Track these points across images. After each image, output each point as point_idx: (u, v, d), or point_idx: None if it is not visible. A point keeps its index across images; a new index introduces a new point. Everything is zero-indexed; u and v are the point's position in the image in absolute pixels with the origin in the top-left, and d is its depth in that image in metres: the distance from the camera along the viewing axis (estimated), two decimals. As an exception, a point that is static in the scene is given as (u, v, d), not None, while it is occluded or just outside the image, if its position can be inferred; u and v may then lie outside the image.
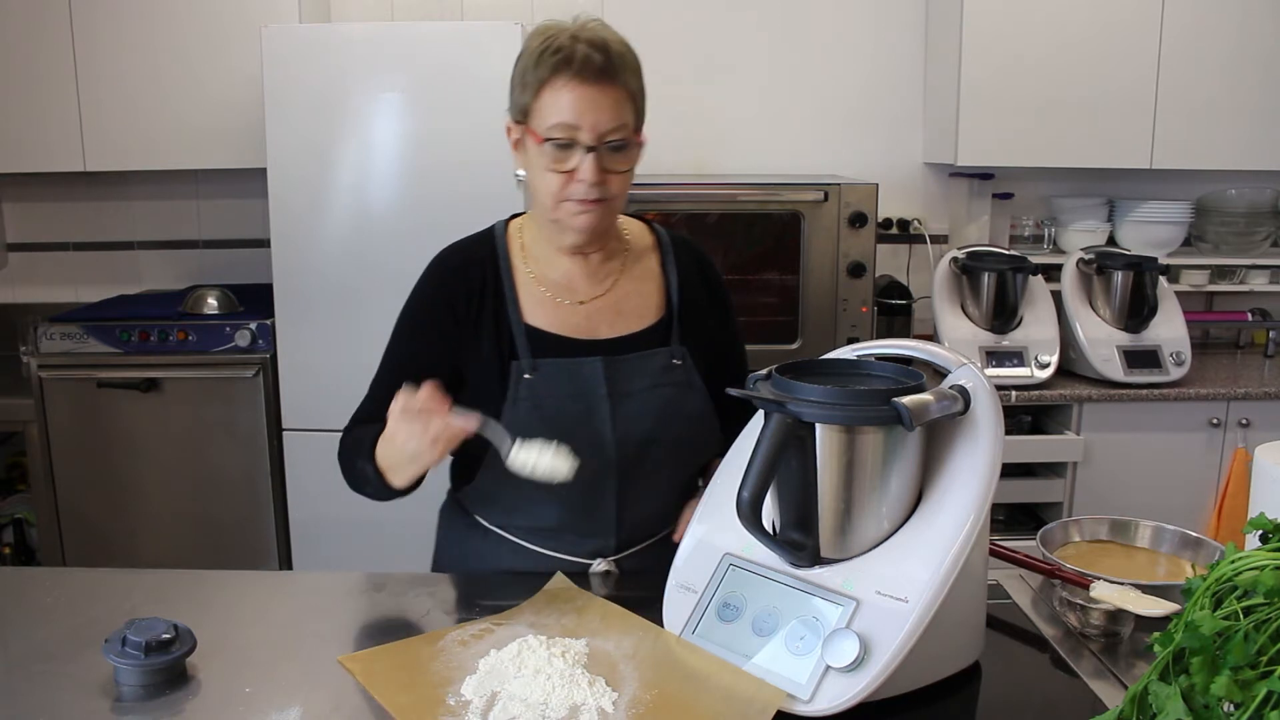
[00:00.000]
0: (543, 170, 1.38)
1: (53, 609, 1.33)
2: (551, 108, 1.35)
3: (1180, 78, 3.11)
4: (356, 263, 2.79)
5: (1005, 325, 3.00)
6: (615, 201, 1.41)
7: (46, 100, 3.03)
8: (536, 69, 1.36)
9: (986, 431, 1.15)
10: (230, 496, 2.97)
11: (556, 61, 1.34)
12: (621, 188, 1.41)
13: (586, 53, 1.34)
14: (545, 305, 1.48)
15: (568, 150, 1.35)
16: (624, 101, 1.37)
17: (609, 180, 1.38)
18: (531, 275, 1.49)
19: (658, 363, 1.48)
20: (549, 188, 1.38)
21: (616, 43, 1.38)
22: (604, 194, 1.38)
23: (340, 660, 1.17)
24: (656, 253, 1.56)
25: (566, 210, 1.39)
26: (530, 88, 1.37)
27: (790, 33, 3.39)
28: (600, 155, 1.36)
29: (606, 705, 1.07)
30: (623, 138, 1.37)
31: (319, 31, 2.87)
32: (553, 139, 1.35)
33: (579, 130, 1.34)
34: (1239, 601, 0.87)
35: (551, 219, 1.42)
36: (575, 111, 1.34)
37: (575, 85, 1.33)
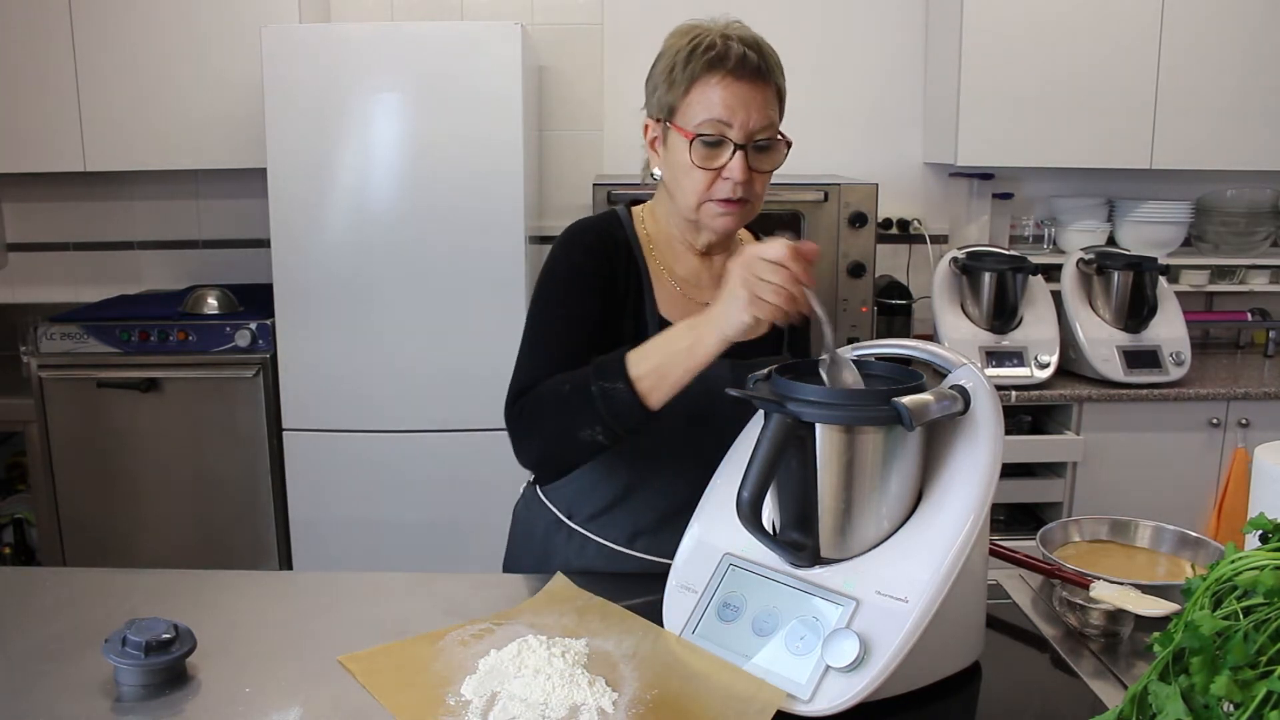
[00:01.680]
0: (688, 168, 1.37)
1: (53, 609, 1.33)
2: (702, 104, 1.35)
3: (1180, 78, 3.11)
4: (356, 263, 2.79)
5: (1005, 325, 3.00)
6: (756, 204, 1.41)
7: (46, 100, 3.03)
8: (688, 66, 1.35)
9: (986, 431, 1.15)
10: (230, 496, 2.97)
11: (711, 59, 1.34)
12: (763, 190, 1.41)
13: (742, 50, 1.34)
14: (676, 299, 1.47)
15: (716, 148, 1.35)
16: (773, 101, 1.38)
17: (754, 180, 1.38)
18: (662, 269, 1.48)
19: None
20: (694, 186, 1.37)
21: (765, 43, 1.39)
22: (748, 194, 1.38)
23: (340, 660, 1.17)
24: None
25: (708, 211, 1.39)
26: (680, 85, 1.36)
27: (790, 33, 3.37)
28: (748, 154, 1.35)
29: (606, 705, 1.07)
30: (770, 137, 1.37)
31: (319, 31, 2.87)
32: (703, 135, 1.35)
33: (730, 127, 1.34)
34: (1239, 601, 0.87)
35: (691, 219, 1.42)
36: (727, 108, 1.34)
37: (729, 82, 1.34)
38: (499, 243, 2.78)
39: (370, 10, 3.35)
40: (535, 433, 1.36)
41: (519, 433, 1.37)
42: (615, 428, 1.29)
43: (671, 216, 1.47)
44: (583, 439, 1.30)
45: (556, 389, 1.33)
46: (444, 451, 2.85)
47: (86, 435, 2.95)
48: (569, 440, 1.32)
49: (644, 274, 1.46)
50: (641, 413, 1.27)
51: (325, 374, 2.84)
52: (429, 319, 2.79)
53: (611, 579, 1.39)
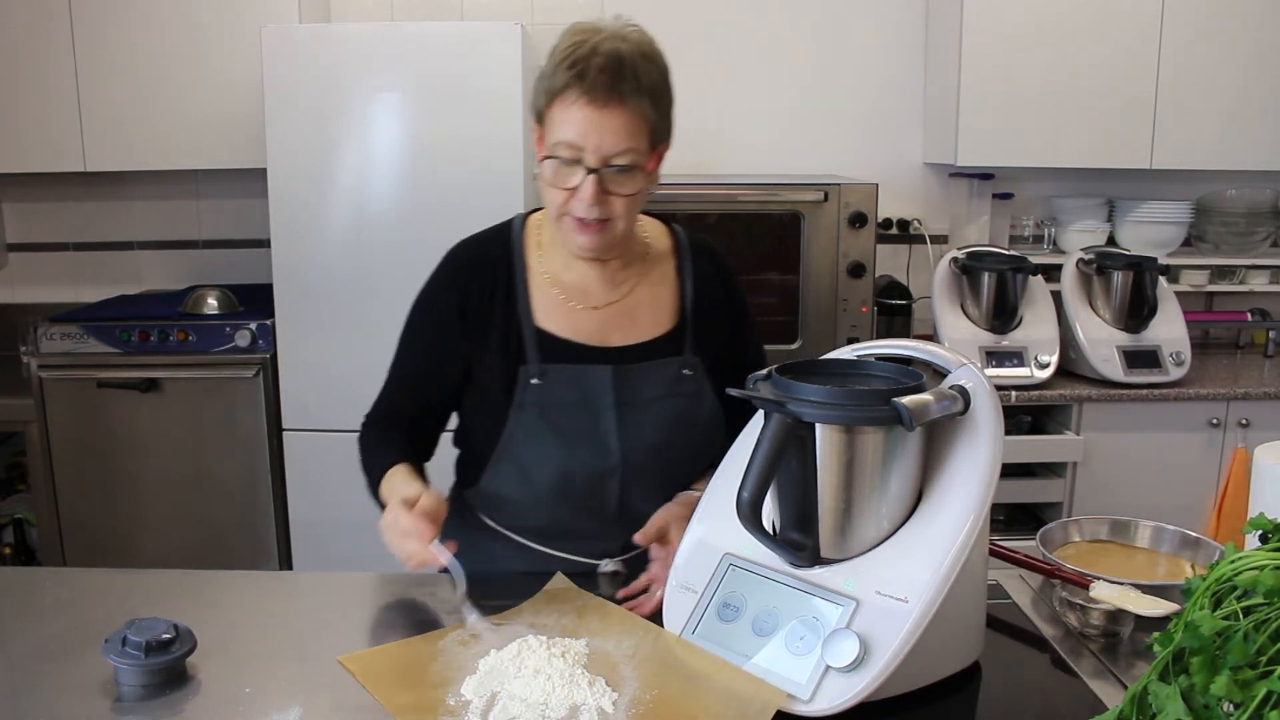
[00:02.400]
0: (547, 183, 1.36)
1: (53, 609, 1.33)
2: (559, 123, 1.32)
3: (1180, 78, 3.11)
4: (356, 263, 2.79)
5: (1005, 325, 3.00)
6: (619, 222, 1.37)
7: (46, 100, 3.03)
8: (552, 77, 1.32)
9: (986, 431, 1.15)
10: (230, 496, 2.97)
11: (569, 76, 1.30)
12: (627, 209, 1.37)
13: (599, 69, 1.29)
14: (558, 309, 1.46)
15: (570, 168, 1.32)
16: (635, 124, 1.32)
17: (611, 202, 1.34)
18: (546, 276, 1.47)
19: (669, 372, 1.46)
20: (552, 200, 1.37)
21: (639, 58, 1.32)
22: (605, 214, 1.34)
23: (340, 660, 1.17)
24: (674, 257, 1.53)
25: (567, 225, 1.37)
26: (544, 95, 1.34)
27: (790, 33, 3.39)
28: (602, 177, 1.32)
29: (606, 705, 1.07)
30: (629, 162, 1.32)
31: (319, 31, 2.87)
32: (556, 156, 1.32)
33: (583, 151, 1.31)
34: (1239, 601, 0.87)
35: (556, 228, 1.41)
36: (580, 131, 1.30)
37: (583, 104, 1.29)
38: (499, 243, 2.78)
39: (370, 10, 3.35)
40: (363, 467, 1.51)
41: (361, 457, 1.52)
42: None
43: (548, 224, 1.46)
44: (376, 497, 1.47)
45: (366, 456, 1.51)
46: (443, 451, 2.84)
47: (86, 435, 2.95)
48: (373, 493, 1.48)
49: (521, 285, 1.46)
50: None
51: (325, 374, 2.84)
52: (429, 319, 2.78)
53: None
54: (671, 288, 1.51)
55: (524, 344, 1.44)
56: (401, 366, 1.54)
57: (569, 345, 1.44)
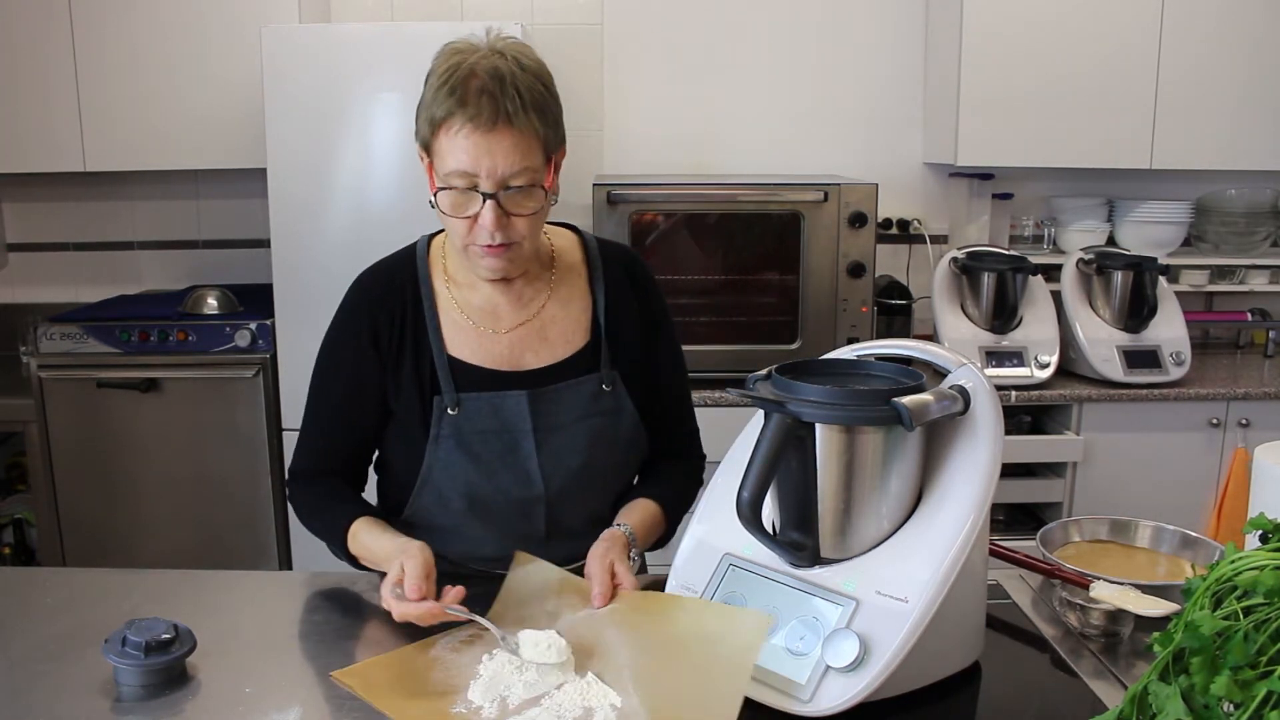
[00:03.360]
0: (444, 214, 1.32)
1: (53, 609, 1.33)
2: (449, 152, 1.28)
3: (1180, 78, 3.11)
4: (356, 263, 2.76)
5: (1005, 325, 3.00)
6: (524, 243, 1.34)
7: (46, 100, 3.03)
8: (433, 105, 1.29)
9: (986, 431, 1.15)
10: (230, 496, 2.97)
11: (451, 104, 1.26)
12: (531, 228, 1.34)
13: (479, 97, 1.25)
14: (468, 335, 1.42)
15: (467, 195, 1.29)
16: (525, 143, 1.28)
17: (513, 224, 1.31)
18: (454, 301, 1.44)
19: (586, 391, 1.44)
20: (455, 230, 1.33)
21: (519, 75, 1.28)
22: (509, 238, 1.31)
23: (335, 676, 1.15)
24: (585, 268, 1.49)
25: (474, 254, 1.34)
26: (427, 125, 1.30)
27: (790, 33, 3.39)
28: (501, 201, 1.29)
29: (616, 702, 1.07)
30: (525, 182, 1.29)
31: (319, 31, 2.87)
32: (451, 187, 1.29)
33: (477, 178, 1.27)
34: (1239, 601, 0.87)
35: (461, 255, 1.38)
36: (472, 159, 1.26)
37: (469, 131, 1.26)
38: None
39: (370, 10, 3.35)
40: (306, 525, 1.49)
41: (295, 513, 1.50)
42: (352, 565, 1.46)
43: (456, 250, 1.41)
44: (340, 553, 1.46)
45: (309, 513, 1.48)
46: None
47: (86, 435, 2.95)
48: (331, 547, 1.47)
49: (429, 312, 1.42)
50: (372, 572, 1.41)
51: (325, 374, 2.83)
52: (429, 319, 2.78)
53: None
54: (583, 302, 1.47)
55: (437, 374, 1.40)
56: (323, 407, 1.47)
57: (482, 372, 1.41)
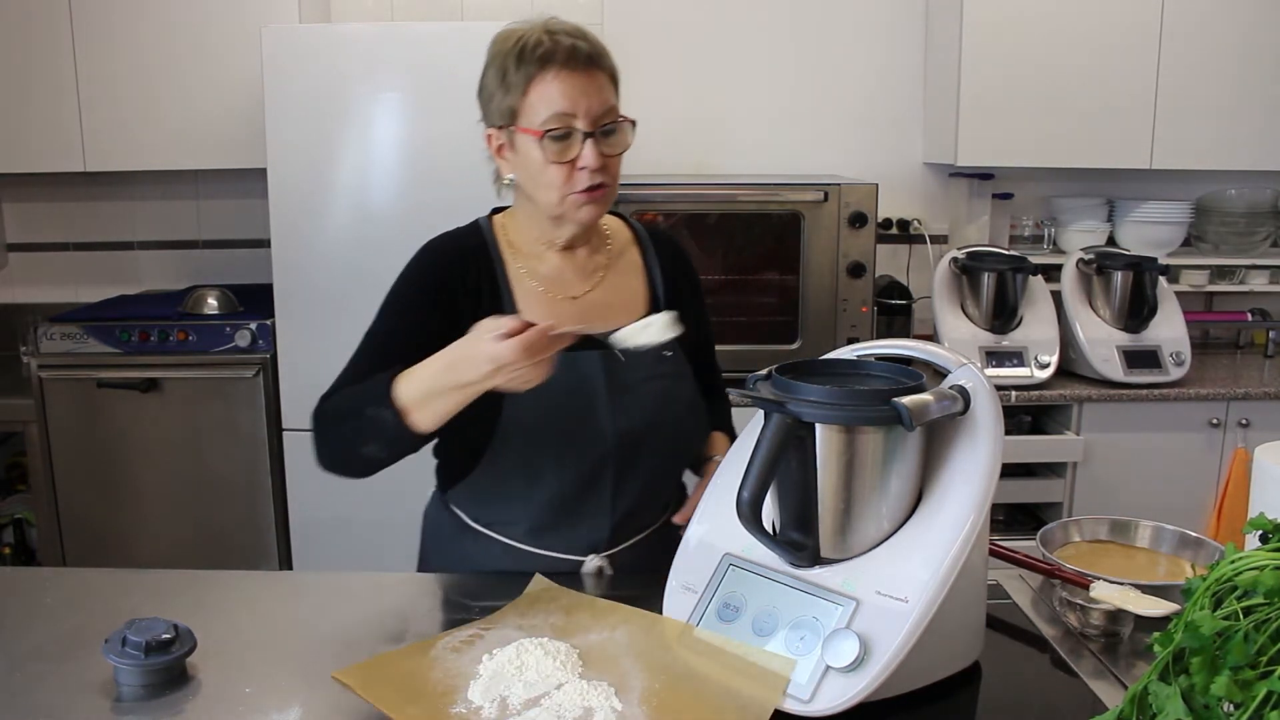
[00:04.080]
0: (542, 166, 1.39)
1: (53, 609, 1.33)
2: (543, 101, 1.37)
3: (1180, 78, 3.11)
4: (356, 263, 2.79)
5: (1005, 325, 3.00)
6: (614, 187, 1.44)
7: (46, 100, 3.03)
8: (521, 68, 1.38)
9: (986, 431, 1.15)
10: (230, 496, 2.97)
11: (541, 55, 1.37)
12: (618, 173, 1.44)
13: (570, 43, 1.38)
14: (540, 301, 1.49)
15: (565, 141, 1.38)
16: (608, 85, 1.42)
17: (609, 164, 1.41)
18: (523, 270, 1.50)
19: (651, 355, 1.48)
20: (552, 182, 1.40)
21: (588, 30, 1.43)
22: (605, 179, 1.41)
23: (335, 676, 1.15)
24: (637, 246, 1.60)
25: (571, 204, 1.42)
26: (516, 87, 1.39)
27: (790, 33, 3.39)
28: (598, 140, 1.39)
29: (616, 703, 1.07)
30: (613, 120, 1.41)
31: (319, 31, 2.87)
32: (550, 130, 1.37)
33: (575, 118, 1.37)
34: (1239, 601, 0.87)
35: (555, 215, 1.44)
36: (569, 100, 1.37)
37: (565, 75, 1.37)
38: (499, 243, 2.78)
39: (370, 10, 3.35)
40: (326, 442, 1.40)
41: (314, 438, 1.41)
42: (391, 448, 1.35)
43: (532, 219, 1.50)
44: (366, 454, 1.36)
45: (341, 405, 1.39)
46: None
47: (86, 435, 2.95)
48: (353, 455, 1.38)
49: (502, 279, 1.49)
50: (412, 437, 1.32)
51: (325, 374, 2.82)
52: (429, 319, 2.78)
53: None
54: (640, 276, 1.57)
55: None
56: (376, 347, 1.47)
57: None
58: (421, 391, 1.30)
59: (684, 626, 1.20)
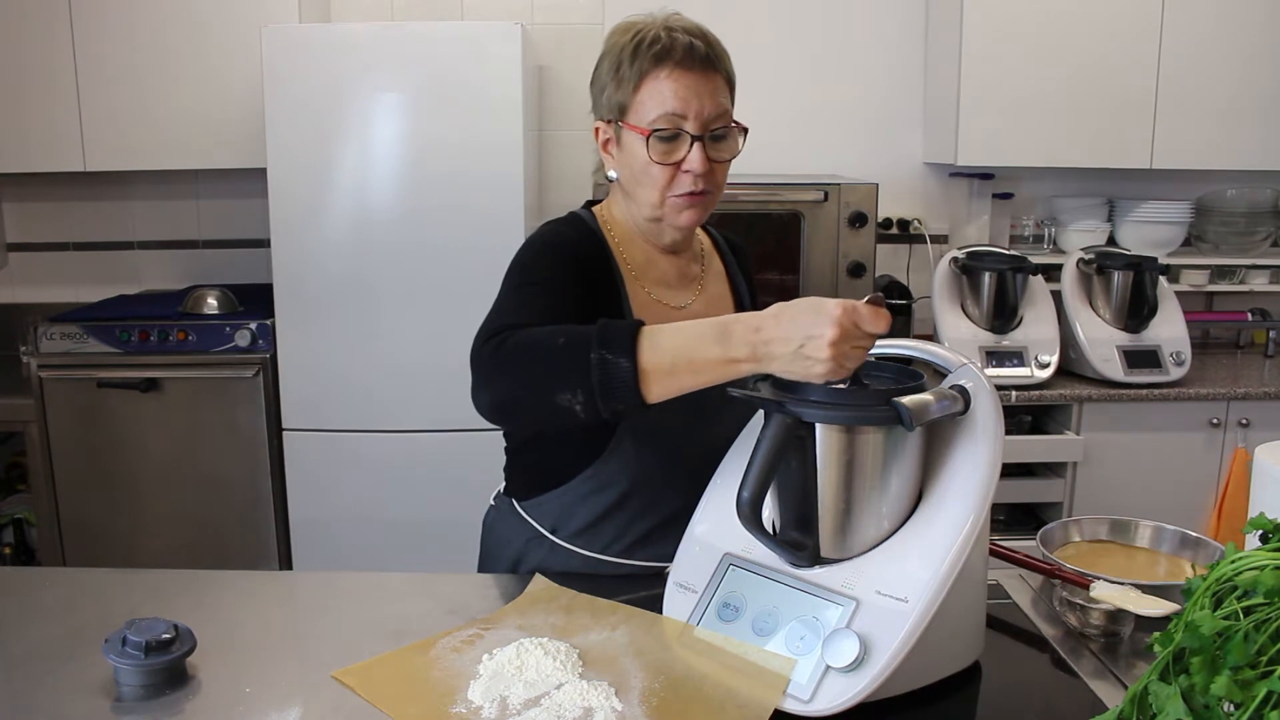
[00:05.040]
0: (646, 166, 1.35)
1: (53, 609, 1.33)
2: (654, 99, 1.33)
3: (1180, 78, 3.11)
4: (356, 263, 2.79)
5: (1005, 325, 3.00)
6: (717, 194, 1.40)
7: (46, 100, 3.03)
8: (635, 62, 1.34)
9: (986, 431, 1.15)
10: (230, 496, 2.97)
11: (658, 52, 1.33)
12: (723, 180, 1.40)
13: (688, 41, 1.33)
14: (652, 307, 1.45)
15: (673, 142, 1.34)
16: (724, 88, 1.38)
17: (714, 170, 1.37)
18: (634, 275, 1.45)
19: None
20: (654, 183, 1.36)
21: (709, 31, 1.38)
22: (709, 185, 1.37)
23: (335, 676, 1.15)
24: (718, 254, 1.58)
25: (672, 207, 1.38)
26: (628, 82, 1.35)
27: (790, 33, 3.39)
28: (706, 144, 1.35)
29: (616, 703, 1.07)
30: (725, 125, 1.37)
31: (319, 31, 2.87)
32: (658, 130, 1.33)
33: (685, 119, 1.33)
34: (1239, 601, 0.87)
35: (653, 217, 1.40)
36: (680, 100, 1.33)
37: (679, 74, 1.33)
38: (499, 243, 2.77)
39: (370, 10, 3.35)
40: (507, 374, 1.18)
41: (487, 370, 1.20)
42: (600, 405, 1.12)
43: (632, 218, 1.45)
44: (559, 402, 1.14)
45: (549, 337, 1.17)
46: (444, 451, 2.84)
47: (86, 435, 2.95)
48: (543, 397, 1.15)
49: (619, 280, 1.43)
50: (636, 399, 1.12)
51: (325, 374, 2.84)
52: (429, 319, 2.78)
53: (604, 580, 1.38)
54: (726, 285, 1.57)
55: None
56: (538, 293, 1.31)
57: None
58: (673, 357, 1.11)
59: (684, 626, 1.20)
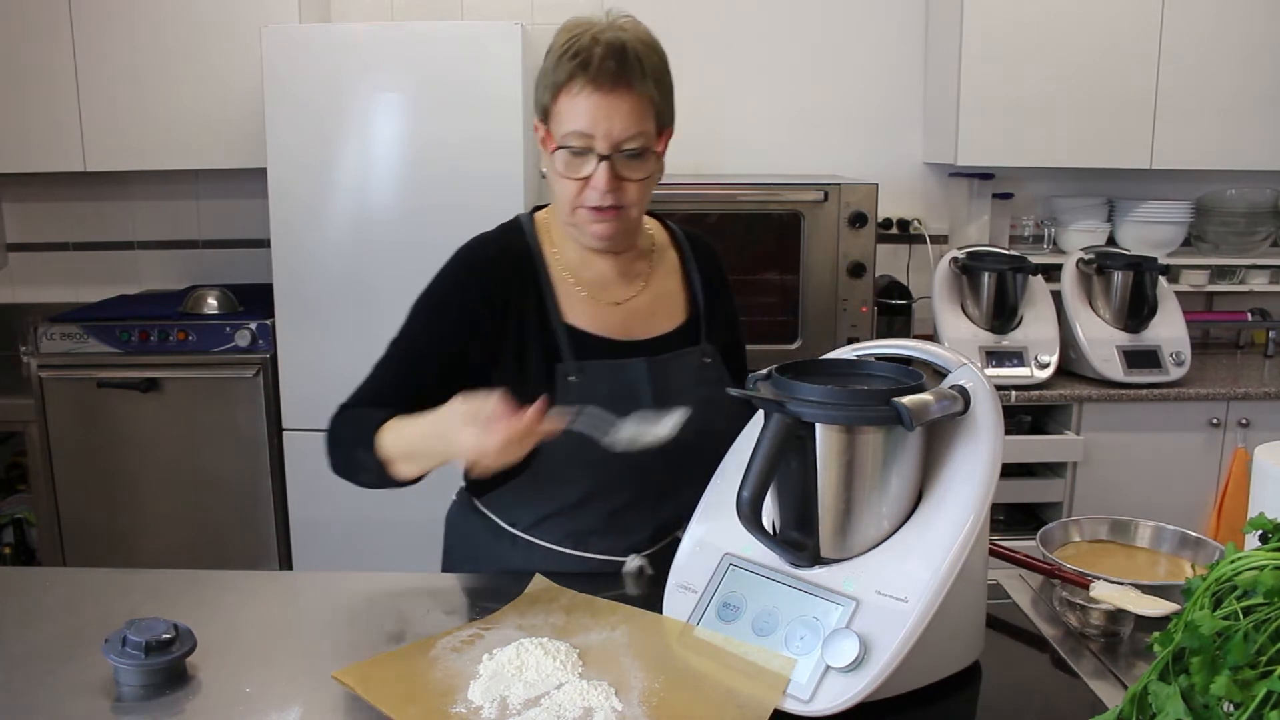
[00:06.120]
0: (557, 175, 1.37)
1: (53, 609, 1.33)
2: (567, 114, 1.33)
3: (1180, 78, 3.11)
4: (356, 263, 2.79)
5: (1005, 325, 3.00)
6: (633, 209, 1.39)
7: (46, 100, 3.03)
8: (555, 71, 1.34)
9: (986, 431, 1.15)
10: (230, 496, 2.97)
11: (573, 66, 1.31)
12: (639, 195, 1.38)
13: (602, 57, 1.31)
14: (584, 305, 1.45)
15: (582, 157, 1.34)
16: (642, 108, 1.34)
17: (624, 188, 1.36)
18: (566, 272, 1.46)
19: (693, 362, 1.49)
20: (565, 193, 1.37)
21: (640, 44, 1.35)
22: (619, 201, 1.36)
23: (335, 676, 1.15)
24: (675, 249, 1.57)
25: (581, 217, 1.38)
26: (549, 90, 1.35)
27: (790, 33, 3.39)
28: (615, 163, 1.33)
29: (616, 703, 1.07)
30: (640, 146, 1.34)
31: (319, 31, 2.87)
32: (567, 146, 1.34)
33: (593, 138, 1.32)
34: (1239, 601, 0.87)
35: (568, 223, 1.41)
36: (589, 119, 1.32)
37: (590, 92, 1.31)
38: (499, 243, 2.78)
39: (370, 10, 3.35)
40: (333, 455, 1.42)
41: (326, 445, 1.43)
42: (381, 486, 1.37)
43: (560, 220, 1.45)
44: (362, 480, 1.40)
45: (341, 432, 1.41)
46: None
47: (86, 435, 2.95)
48: (353, 476, 1.41)
49: (546, 284, 1.45)
50: (397, 483, 1.36)
51: (325, 374, 2.82)
52: (429, 319, 2.78)
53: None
54: (679, 281, 1.55)
55: (557, 341, 1.42)
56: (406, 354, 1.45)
57: (600, 341, 1.44)
58: (403, 449, 1.33)
59: (684, 626, 1.20)
